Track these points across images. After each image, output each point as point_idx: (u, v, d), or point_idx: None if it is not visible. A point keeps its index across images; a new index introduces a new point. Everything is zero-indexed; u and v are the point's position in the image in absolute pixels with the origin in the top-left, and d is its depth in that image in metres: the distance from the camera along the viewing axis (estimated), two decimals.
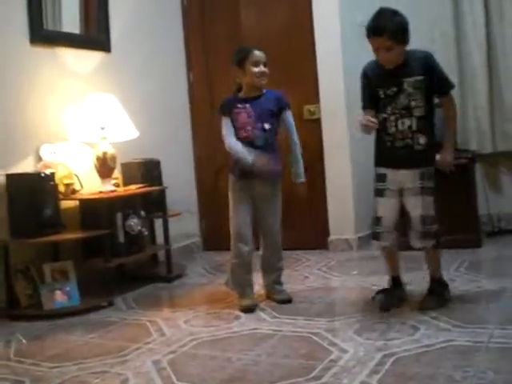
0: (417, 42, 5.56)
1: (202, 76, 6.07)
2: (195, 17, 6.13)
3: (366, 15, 3.68)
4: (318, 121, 5.64)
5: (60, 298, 4.23)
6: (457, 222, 5.18)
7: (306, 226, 5.75)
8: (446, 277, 4.26)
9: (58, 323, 4.01)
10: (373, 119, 3.58)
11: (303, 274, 4.88)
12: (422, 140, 3.67)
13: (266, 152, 3.94)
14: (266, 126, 3.98)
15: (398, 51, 3.55)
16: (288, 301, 4.09)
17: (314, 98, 5.62)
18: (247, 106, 3.96)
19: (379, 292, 3.91)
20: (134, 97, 5.24)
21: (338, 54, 5.39)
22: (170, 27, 6.01)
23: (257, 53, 3.96)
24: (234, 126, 3.96)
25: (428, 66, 3.64)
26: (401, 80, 3.61)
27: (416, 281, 4.16)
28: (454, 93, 5.60)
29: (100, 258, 4.40)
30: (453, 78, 5.62)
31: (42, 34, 4.58)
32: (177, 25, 6.11)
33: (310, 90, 5.64)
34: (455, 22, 5.69)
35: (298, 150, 4.11)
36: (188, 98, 6.18)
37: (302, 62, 5.67)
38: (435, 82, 3.67)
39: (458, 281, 4.22)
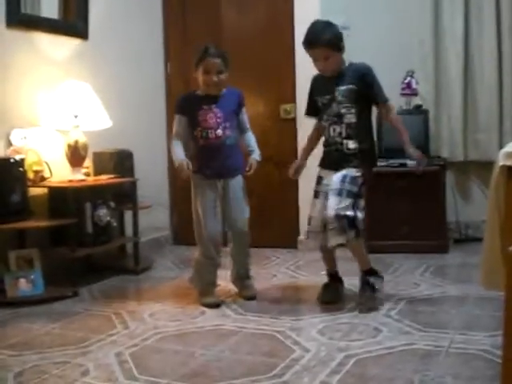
0: (395, 49, 5.62)
1: (179, 68, 6.03)
2: (175, 8, 6.10)
3: (346, 18, 3.76)
4: (293, 120, 5.65)
5: (24, 286, 4.18)
6: (425, 227, 5.24)
7: (277, 225, 5.76)
8: (411, 280, 4.35)
9: (21, 311, 3.97)
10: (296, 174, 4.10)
11: (271, 272, 4.89)
12: (352, 145, 3.85)
13: (234, 150, 4.01)
14: (233, 125, 4.01)
15: (335, 59, 3.77)
16: (252, 297, 4.12)
17: (291, 97, 5.62)
18: (213, 106, 3.93)
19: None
20: (110, 86, 5.21)
21: None
22: (149, 17, 5.97)
23: (212, 61, 3.85)
24: (201, 127, 3.92)
25: (363, 77, 3.81)
26: (333, 89, 3.82)
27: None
28: (429, 102, 5.69)
29: (67, 247, 4.37)
30: (429, 87, 5.75)
31: (19, 18, 4.51)
32: (156, 15, 6.08)
33: (287, 89, 5.65)
34: (435, 34, 5.71)
35: (253, 136, 4.17)
36: (164, 89, 6.16)
37: (281, 62, 5.68)
38: (372, 93, 3.85)
39: (423, 285, 4.26)
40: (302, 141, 5.46)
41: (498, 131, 5.60)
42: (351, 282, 4.14)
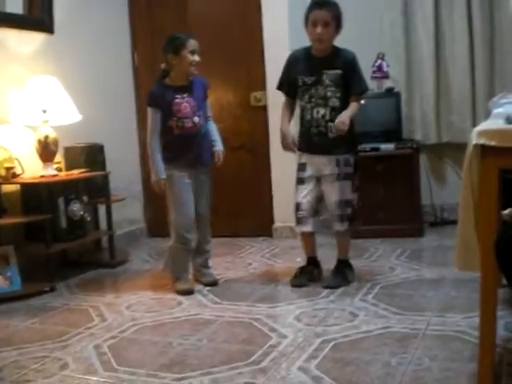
0: (365, 31, 5.63)
1: (147, 59, 5.97)
2: None
3: None
4: (264, 108, 5.63)
5: (1, 283, 4.16)
6: (400, 211, 5.26)
7: (251, 214, 5.76)
8: (387, 265, 4.37)
9: None
10: (294, 144, 4.01)
11: (246, 260, 4.90)
12: (335, 129, 3.85)
13: (206, 138, 4.10)
14: (204, 113, 4.10)
15: (331, 31, 3.84)
16: (214, 283, 4.20)
17: (261, 84, 5.61)
18: (185, 95, 4.00)
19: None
20: (78, 80, 5.15)
21: (285, 41, 5.36)
22: (114, 8, 5.90)
23: (193, 42, 3.99)
24: (176, 116, 3.98)
25: (348, 64, 3.90)
26: (321, 71, 3.88)
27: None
28: (401, 84, 5.69)
29: (42, 242, 4.35)
30: (400, 69, 5.71)
31: None
32: (122, 6, 6.02)
33: (257, 76, 5.62)
34: (404, 14, 5.71)
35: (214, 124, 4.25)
36: (133, 81, 6.11)
37: (249, 49, 5.65)
38: (352, 81, 3.91)
39: (399, 269, 4.28)
40: (274, 128, 5.49)
41: (472, 112, 5.61)
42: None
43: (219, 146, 4.17)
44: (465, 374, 2.53)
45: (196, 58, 3.97)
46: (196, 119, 4.00)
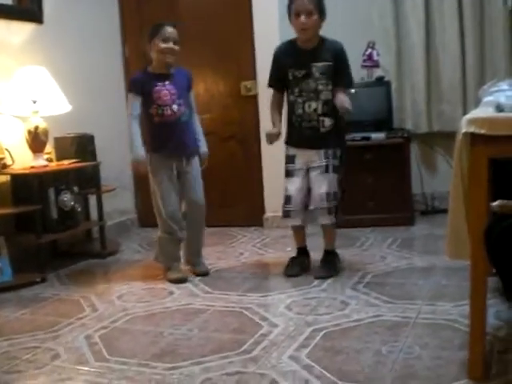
0: (355, 20, 5.60)
1: (137, 49, 5.88)
2: None
3: None
4: (254, 97, 5.61)
5: None
6: (391, 200, 5.26)
7: (242, 203, 5.76)
8: (378, 254, 4.39)
9: None
10: (277, 133, 3.95)
11: (238, 250, 4.90)
12: (328, 122, 3.90)
13: (189, 126, 4.10)
14: (186, 102, 4.10)
15: (315, 21, 3.81)
16: (205, 273, 4.21)
17: (251, 74, 5.59)
18: (166, 83, 4.01)
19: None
20: (67, 70, 5.12)
21: (275, 31, 5.34)
22: None
23: (168, 29, 3.98)
24: (156, 104, 3.99)
25: (337, 56, 3.87)
26: (310, 64, 3.85)
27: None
28: (391, 73, 5.68)
29: (33, 233, 4.34)
30: (391, 57, 5.68)
31: None
32: None
33: (247, 66, 5.60)
34: (394, 2, 5.68)
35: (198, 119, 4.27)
36: (123, 71, 6.08)
37: (240, 39, 5.62)
38: (341, 74, 3.90)
39: (390, 257, 4.29)
40: (264, 118, 5.48)
41: (462, 101, 5.60)
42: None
43: (204, 148, 4.22)
44: (455, 362, 2.53)
45: (169, 45, 3.95)
46: (175, 107, 4.00)
